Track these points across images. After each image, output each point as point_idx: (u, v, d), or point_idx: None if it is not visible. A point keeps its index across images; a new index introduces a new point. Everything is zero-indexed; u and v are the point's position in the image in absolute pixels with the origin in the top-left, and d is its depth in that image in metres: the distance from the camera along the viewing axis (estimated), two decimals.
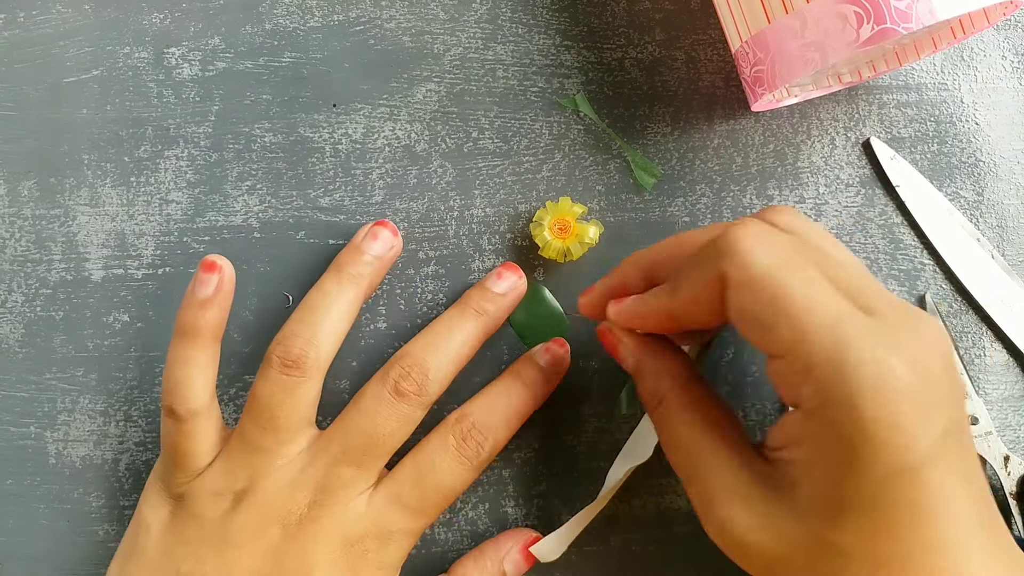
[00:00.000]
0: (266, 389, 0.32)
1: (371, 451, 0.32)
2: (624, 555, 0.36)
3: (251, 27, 0.38)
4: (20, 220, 0.38)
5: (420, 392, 0.32)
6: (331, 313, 0.33)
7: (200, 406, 0.33)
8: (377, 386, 0.33)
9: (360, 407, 0.33)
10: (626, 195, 0.37)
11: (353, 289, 0.34)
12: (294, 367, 0.32)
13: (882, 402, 0.24)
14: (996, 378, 0.37)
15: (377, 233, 0.35)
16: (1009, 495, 0.35)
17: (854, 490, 0.24)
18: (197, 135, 0.38)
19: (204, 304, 0.33)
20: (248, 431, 0.33)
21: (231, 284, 0.34)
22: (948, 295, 0.37)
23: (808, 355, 0.25)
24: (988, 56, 0.38)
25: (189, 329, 0.33)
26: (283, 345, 0.32)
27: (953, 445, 0.25)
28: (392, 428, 0.32)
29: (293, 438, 0.33)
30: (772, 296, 0.25)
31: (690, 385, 0.30)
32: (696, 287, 0.27)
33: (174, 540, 0.32)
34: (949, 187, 0.38)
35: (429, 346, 0.33)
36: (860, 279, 0.27)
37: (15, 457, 0.37)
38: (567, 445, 0.37)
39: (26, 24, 0.38)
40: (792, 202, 0.37)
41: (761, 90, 0.33)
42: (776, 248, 0.26)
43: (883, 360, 0.24)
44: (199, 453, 0.33)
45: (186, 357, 0.33)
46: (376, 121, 0.38)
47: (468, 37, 0.38)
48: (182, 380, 0.32)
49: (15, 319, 0.37)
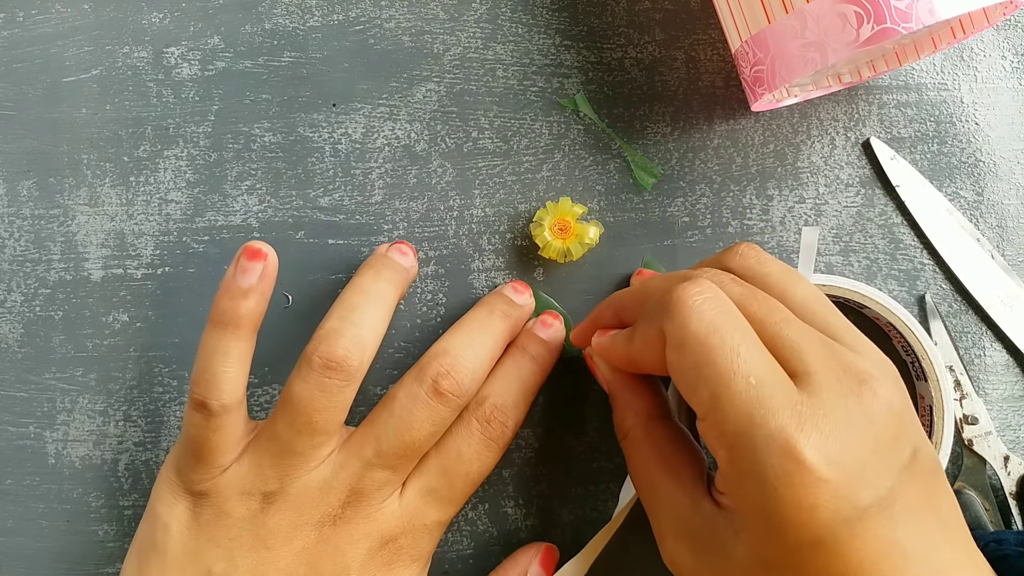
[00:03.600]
0: (306, 392, 0.30)
1: (405, 455, 0.31)
2: (624, 555, 0.36)
3: (251, 27, 0.38)
4: (19, 220, 0.38)
5: (458, 393, 0.31)
6: (374, 312, 0.32)
7: (234, 401, 0.31)
8: (413, 386, 0.31)
9: (392, 409, 0.31)
10: (626, 195, 0.37)
11: (391, 290, 0.33)
12: (337, 370, 0.30)
13: (787, 484, 0.24)
14: (996, 378, 0.37)
15: (402, 249, 0.35)
16: (1009, 495, 0.35)
17: (775, 553, 0.25)
18: (197, 135, 0.38)
19: (246, 293, 0.31)
20: (281, 432, 0.31)
21: (275, 273, 0.32)
22: (948, 295, 0.37)
23: (722, 423, 0.25)
24: (988, 56, 0.38)
25: (229, 318, 0.31)
26: (326, 344, 0.30)
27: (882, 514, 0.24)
28: (428, 432, 0.31)
29: (327, 441, 0.31)
30: (696, 361, 0.26)
31: (652, 424, 0.31)
32: (645, 339, 0.28)
33: (201, 539, 0.31)
34: (949, 187, 0.38)
35: (466, 345, 0.32)
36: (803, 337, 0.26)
37: (15, 457, 0.37)
38: (567, 445, 0.37)
39: (25, 24, 0.38)
40: (792, 202, 0.37)
41: (761, 90, 0.33)
42: (713, 311, 0.26)
43: (791, 443, 0.24)
44: (226, 449, 0.31)
45: (224, 348, 0.31)
46: (376, 121, 0.38)
47: (468, 37, 0.38)
48: (217, 372, 0.31)
49: (14, 319, 0.37)
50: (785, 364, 0.26)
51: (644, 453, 0.30)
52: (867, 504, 0.24)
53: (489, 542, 0.37)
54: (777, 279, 0.29)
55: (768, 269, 0.29)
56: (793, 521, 0.24)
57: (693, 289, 0.26)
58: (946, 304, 0.37)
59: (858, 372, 0.26)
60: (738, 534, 0.26)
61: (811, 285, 0.29)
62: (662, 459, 0.29)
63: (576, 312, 0.37)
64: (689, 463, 0.29)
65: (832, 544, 0.24)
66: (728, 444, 0.25)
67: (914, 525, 0.25)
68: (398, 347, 0.37)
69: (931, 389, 0.35)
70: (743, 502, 0.25)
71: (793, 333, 0.26)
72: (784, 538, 0.24)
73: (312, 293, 0.37)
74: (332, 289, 0.37)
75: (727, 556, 0.26)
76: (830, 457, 0.24)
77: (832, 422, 0.24)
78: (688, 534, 0.27)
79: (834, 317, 0.28)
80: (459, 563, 0.36)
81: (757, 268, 0.29)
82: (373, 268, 0.34)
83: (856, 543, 0.24)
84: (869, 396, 0.25)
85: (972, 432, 0.36)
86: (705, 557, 0.27)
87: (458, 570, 0.36)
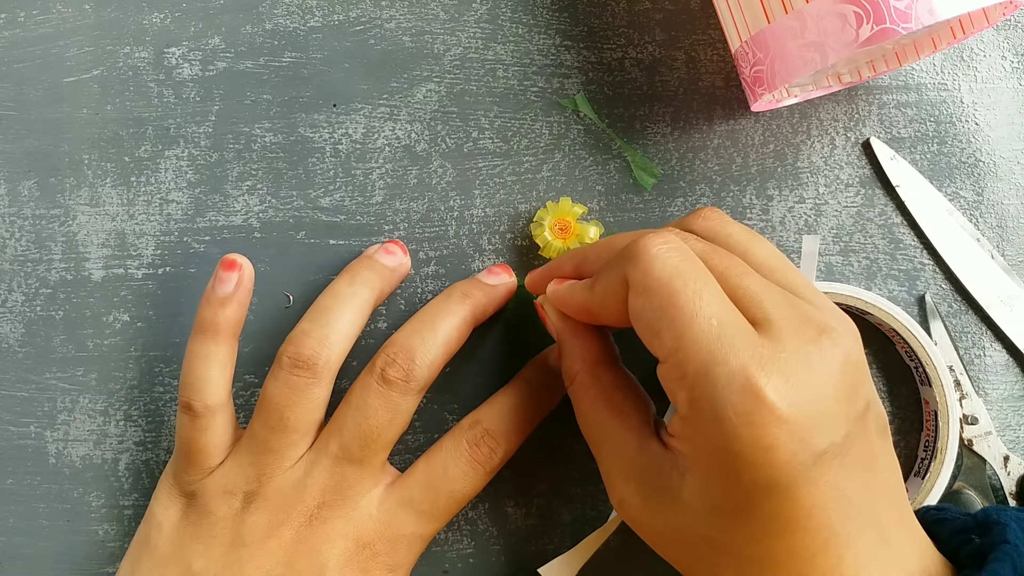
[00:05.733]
0: (276, 390, 0.32)
1: (368, 445, 0.32)
2: (624, 555, 0.36)
3: (251, 27, 0.38)
4: (20, 220, 0.38)
5: (407, 378, 0.32)
6: (343, 314, 0.33)
7: (216, 402, 0.33)
8: (365, 378, 0.33)
9: (351, 402, 0.33)
10: (626, 195, 0.37)
11: (365, 292, 0.34)
12: (304, 368, 0.32)
13: (746, 422, 0.24)
14: (996, 378, 0.37)
15: (389, 248, 0.36)
16: (1009, 495, 0.35)
17: (725, 496, 0.25)
18: (197, 135, 0.38)
19: (223, 302, 0.33)
20: (258, 431, 0.33)
21: (250, 282, 0.34)
22: (948, 295, 0.37)
23: (683, 364, 0.25)
24: (988, 56, 0.38)
25: (208, 326, 0.33)
26: (294, 345, 0.32)
27: (832, 461, 0.25)
28: (384, 419, 0.32)
29: (301, 439, 0.33)
30: (660, 303, 0.26)
31: (598, 369, 0.31)
32: (607, 287, 0.29)
33: (186, 537, 0.32)
34: (949, 187, 0.38)
35: (414, 332, 0.33)
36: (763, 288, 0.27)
37: (15, 457, 0.37)
38: (567, 445, 0.37)
39: (26, 24, 0.38)
40: (792, 202, 0.38)
41: (761, 90, 0.33)
42: (677, 258, 0.27)
43: (752, 381, 0.24)
44: (212, 450, 0.33)
45: (205, 353, 0.33)
46: (376, 121, 0.38)
47: (468, 37, 0.38)
48: (200, 375, 0.33)
49: (15, 319, 0.37)
50: (746, 313, 0.26)
51: (591, 397, 0.31)
52: (822, 449, 0.24)
53: (489, 542, 0.37)
54: (738, 239, 0.29)
55: (730, 230, 0.30)
56: (750, 461, 0.24)
57: (657, 239, 0.27)
58: (946, 304, 0.37)
59: (817, 322, 0.26)
60: (684, 476, 0.26)
61: (772, 246, 0.30)
62: (609, 401, 0.30)
63: None
64: (636, 406, 0.30)
65: (787, 488, 0.24)
66: (689, 385, 0.25)
67: (861, 476, 0.25)
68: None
69: (935, 394, 0.35)
70: (699, 444, 0.26)
71: (753, 284, 0.27)
72: (738, 480, 0.25)
73: (312, 293, 0.37)
74: None
75: (674, 498, 0.27)
76: (790, 399, 0.24)
77: (792, 365, 0.25)
78: (635, 476, 0.28)
79: (794, 275, 0.28)
80: (459, 563, 0.36)
81: (719, 229, 0.30)
82: (349, 271, 0.35)
83: (809, 488, 0.24)
84: (828, 344, 0.26)
85: (972, 432, 0.36)
86: (652, 499, 0.27)
87: (458, 570, 0.36)
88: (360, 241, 0.37)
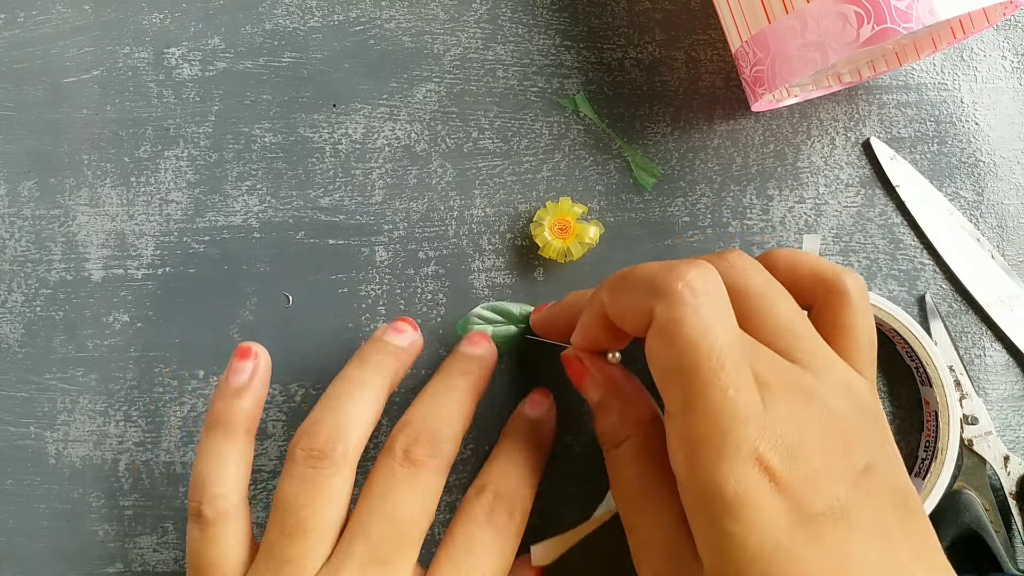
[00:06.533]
0: (291, 488, 0.29)
1: (400, 541, 0.29)
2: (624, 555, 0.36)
3: (251, 27, 0.38)
4: (20, 220, 0.38)
5: (434, 454, 0.30)
6: (357, 400, 0.30)
7: (229, 506, 0.29)
8: (386, 463, 0.30)
9: (372, 491, 0.29)
10: (626, 195, 0.37)
11: (378, 378, 0.31)
12: (320, 458, 0.29)
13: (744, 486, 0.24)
14: (996, 378, 0.37)
15: (399, 327, 0.33)
16: (1009, 495, 0.35)
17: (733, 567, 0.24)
18: (197, 135, 0.38)
19: (238, 392, 0.30)
20: (274, 541, 0.29)
21: (267, 371, 0.31)
22: (948, 295, 0.37)
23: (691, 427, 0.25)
24: (988, 56, 0.38)
25: (220, 420, 0.30)
26: (307, 436, 0.29)
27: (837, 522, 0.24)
28: (417, 506, 0.29)
29: (321, 543, 0.29)
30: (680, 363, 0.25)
31: (650, 433, 0.29)
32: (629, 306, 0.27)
33: None
34: (949, 187, 0.38)
35: (427, 410, 0.31)
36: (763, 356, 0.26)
37: (15, 457, 0.37)
38: (567, 445, 0.37)
39: (26, 24, 0.38)
40: (792, 202, 0.37)
41: (761, 90, 0.33)
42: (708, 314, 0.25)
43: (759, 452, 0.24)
44: (226, 565, 0.29)
45: (216, 451, 0.30)
46: (376, 121, 0.38)
47: (468, 37, 0.38)
48: (211, 476, 0.29)
49: (15, 319, 0.37)
50: None
51: (641, 463, 0.28)
52: (819, 511, 0.24)
53: None
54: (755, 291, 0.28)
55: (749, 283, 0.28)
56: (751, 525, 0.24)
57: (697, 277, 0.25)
58: (946, 304, 0.37)
59: (805, 386, 0.26)
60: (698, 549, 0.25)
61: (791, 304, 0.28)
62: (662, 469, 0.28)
63: None
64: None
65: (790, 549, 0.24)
66: (691, 449, 0.25)
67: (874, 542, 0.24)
68: None
69: (936, 395, 0.35)
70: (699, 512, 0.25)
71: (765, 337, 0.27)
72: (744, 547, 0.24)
73: (312, 293, 0.37)
74: (332, 289, 0.37)
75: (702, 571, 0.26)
76: (788, 464, 0.24)
77: (788, 431, 0.25)
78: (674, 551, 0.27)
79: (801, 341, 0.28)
80: None
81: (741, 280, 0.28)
82: (359, 356, 0.32)
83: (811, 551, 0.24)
84: (814, 409, 0.25)
85: (972, 432, 0.36)
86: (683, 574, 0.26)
87: None
88: (360, 241, 0.37)
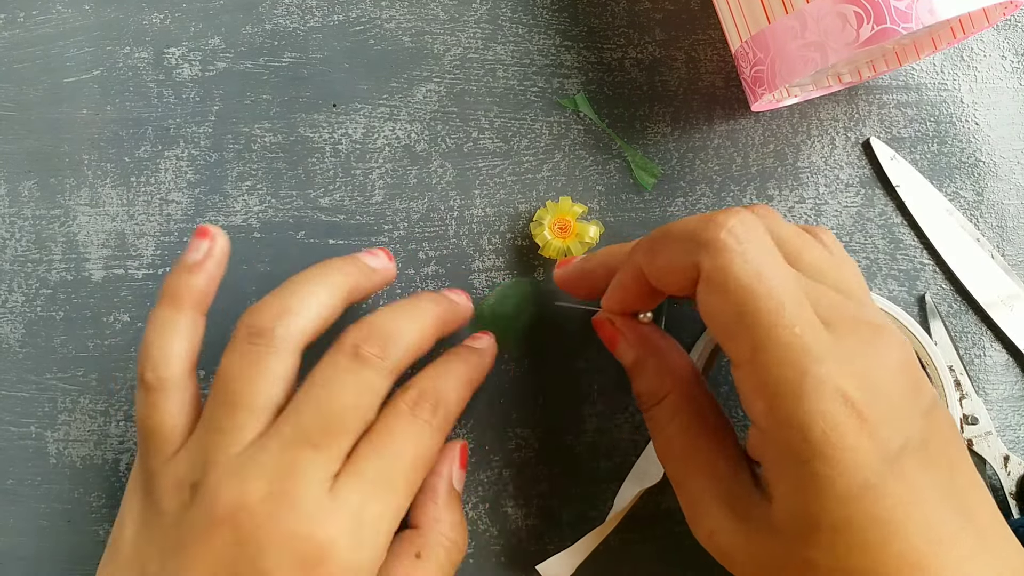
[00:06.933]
0: (230, 362, 0.29)
1: (329, 428, 0.28)
2: (624, 555, 0.36)
3: (251, 27, 0.38)
4: (20, 220, 0.38)
5: (383, 355, 0.29)
6: (309, 292, 0.30)
7: (172, 374, 0.30)
8: (332, 355, 0.30)
9: (313, 379, 0.29)
10: (626, 195, 0.37)
11: (338, 276, 0.32)
12: (260, 335, 0.29)
13: (832, 424, 0.24)
14: (996, 378, 0.37)
15: (373, 251, 0.34)
16: (1009, 495, 0.35)
17: (819, 509, 0.24)
18: (197, 135, 0.38)
19: (191, 269, 0.31)
20: (209, 411, 0.29)
21: (223, 254, 0.32)
22: (948, 295, 0.37)
23: (763, 373, 0.25)
24: (988, 56, 0.38)
25: (171, 293, 0.31)
26: (253, 314, 0.30)
27: (914, 456, 0.24)
28: (352, 399, 0.29)
29: (252, 419, 0.29)
30: (739, 309, 0.25)
31: (691, 387, 0.29)
32: (672, 265, 0.27)
33: (142, 538, 0.29)
34: (949, 187, 0.38)
35: (388, 316, 0.31)
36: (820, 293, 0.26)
37: (15, 457, 0.37)
38: (567, 445, 0.37)
39: (26, 24, 0.38)
40: (792, 202, 0.37)
41: (761, 90, 0.33)
42: (758, 256, 0.25)
43: (840, 387, 0.24)
44: (167, 433, 0.30)
45: (163, 320, 0.30)
46: (376, 121, 0.38)
47: (468, 37, 0.38)
48: (157, 344, 0.30)
49: (15, 319, 0.37)
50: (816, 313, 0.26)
51: (683, 419, 0.29)
52: (899, 445, 0.24)
53: (489, 542, 0.37)
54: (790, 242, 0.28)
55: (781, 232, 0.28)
56: (840, 466, 0.24)
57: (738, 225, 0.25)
58: (946, 304, 0.37)
59: (870, 322, 0.26)
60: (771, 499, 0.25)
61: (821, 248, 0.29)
62: (704, 424, 0.28)
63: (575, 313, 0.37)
64: (725, 424, 0.29)
65: (879, 487, 0.24)
66: (770, 393, 0.24)
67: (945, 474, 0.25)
68: None
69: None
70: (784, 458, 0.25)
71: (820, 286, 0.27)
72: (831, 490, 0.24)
73: None
74: None
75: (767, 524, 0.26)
76: (867, 399, 0.24)
77: (863, 366, 0.25)
78: (728, 504, 0.27)
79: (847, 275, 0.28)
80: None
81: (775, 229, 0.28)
82: (326, 260, 0.32)
83: (897, 486, 0.24)
84: (885, 344, 0.25)
85: (972, 432, 0.36)
86: (745, 528, 0.26)
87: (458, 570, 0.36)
88: (360, 241, 0.37)
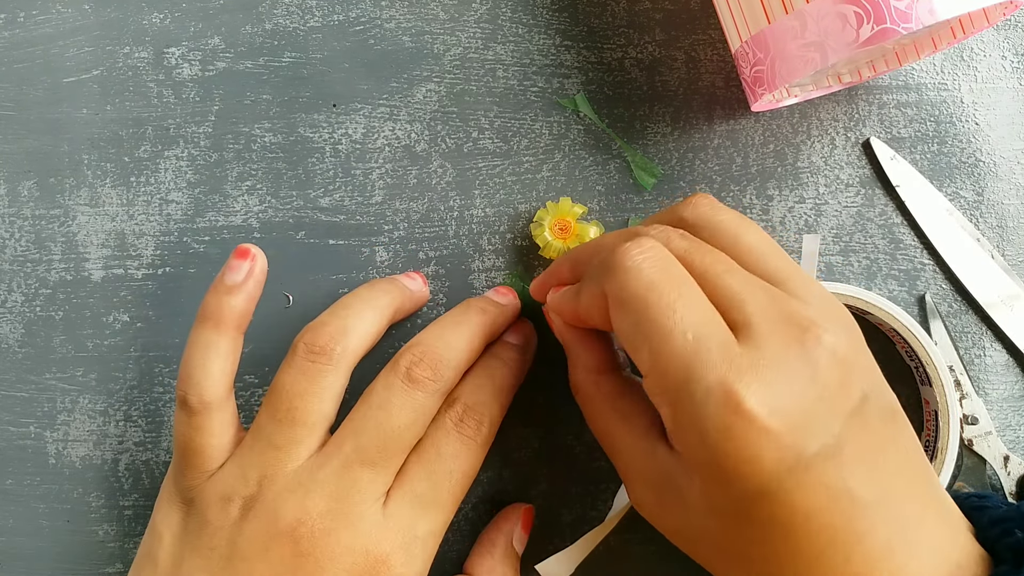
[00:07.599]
0: (288, 377, 0.30)
1: (386, 448, 0.30)
2: (624, 555, 0.36)
3: (251, 27, 0.38)
4: (20, 220, 0.38)
5: (435, 377, 0.31)
6: (362, 312, 0.32)
7: (215, 397, 0.31)
8: (387, 376, 0.31)
9: (371, 400, 0.31)
10: (626, 195, 0.37)
11: (385, 298, 0.33)
12: (320, 354, 0.30)
13: (726, 437, 0.24)
14: (996, 378, 0.37)
15: (411, 275, 0.36)
16: (1009, 495, 0.35)
17: (724, 502, 0.25)
18: (197, 135, 0.38)
19: (231, 290, 0.31)
20: (263, 425, 0.31)
21: (262, 274, 0.32)
22: (948, 295, 0.37)
23: (662, 380, 0.26)
24: (988, 56, 0.38)
25: (212, 314, 0.31)
26: (311, 333, 0.31)
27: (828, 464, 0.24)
28: (407, 420, 0.30)
29: (310, 436, 0.30)
30: (636, 319, 0.26)
31: (600, 377, 0.31)
32: (590, 298, 0.29)
33: (186, 549, 0.30)
34: (949, 187, 0.38)
35: (439, 334, 0.32)
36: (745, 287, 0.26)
37: (15, 457, 0.37)
38: (567, 445, 0.37)
39: (26, 24, 0.38)
40: (792, 202, 0.38)
41: (761, 90, 0.33)
42: (651, 270, 0.26)
43: (731, 394, 0.24)
44: (210, 451, 0.31)
45: (205, 343, 0.31)
46: (376, 121, 0.38)
47: (468, 37, 0.38)
48: (198, 367, 0.31)
49: (15, 319, 0.37)
50: (726, 315, 0.26)
51: (596, 405, 0.31)
52: (813, 452, 0.24)
53: None
54: (728, 225, 0.29)
55: (720, 216, 0.30)
56: (736, 472, 0.24)
57: (634, 249, 0.27)
58: (946, 304, 0.37)
59: (800, 320, 0.26)
60: (691, 479, 0.26)
61: (762, 232, 0.29)
62: (613, 409, 0.30)
63: None
64: (641, 412, 0.30)
65: (778, 494, 0.24)
66: (670, 400, 0.25)
67: (866, 472, 0.25)
68: (398, 347, 0.37)
69: (935, 394, 0.35)
70: (689, 456, 0.26)
71: (735, 283, 0.27)
72: (730, 489, 0.25)
73: (312, 293, 0.37)
74: (332, 289, 0.37)
75: (683, 500, 0.27)
76: (772, 407, 0.24)
77: (774, 371, 0.25)
78: (648, 479, 0.28)
79: (784, 263, 0.28)
80: (459, 563, 0.36)
81: (710, 216, 0.30)
82: (372, 281, 0.35)
83: (802, 492, 0.24)
84: (812, 343, 0.25)
85: (972, 432, 0.36)
86: (665, 501, 0.28)
87: (459, 570, 0.36)
88: (360, 241, 0.37)
